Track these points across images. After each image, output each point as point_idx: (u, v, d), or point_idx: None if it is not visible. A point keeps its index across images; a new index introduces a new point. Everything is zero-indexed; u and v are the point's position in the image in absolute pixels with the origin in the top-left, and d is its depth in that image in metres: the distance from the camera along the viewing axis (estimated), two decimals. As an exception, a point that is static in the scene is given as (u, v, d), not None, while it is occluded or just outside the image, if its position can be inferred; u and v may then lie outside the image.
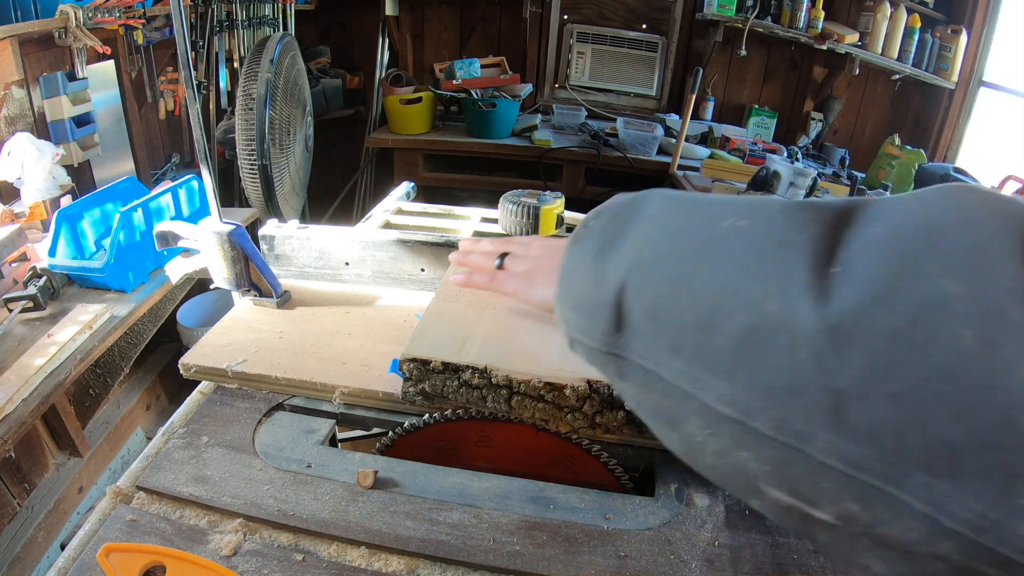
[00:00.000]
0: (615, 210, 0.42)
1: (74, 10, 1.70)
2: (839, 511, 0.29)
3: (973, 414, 0.25)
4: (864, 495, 0.27)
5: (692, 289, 0.34)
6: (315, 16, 3.29)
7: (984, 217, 0.27)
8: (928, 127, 2.99)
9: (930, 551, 0.26)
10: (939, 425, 0.26)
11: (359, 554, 0.52)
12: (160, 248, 0.83)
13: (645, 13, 3.22)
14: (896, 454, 0.27)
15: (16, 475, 1.36)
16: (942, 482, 0.26)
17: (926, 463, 0.26)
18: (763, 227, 0.33)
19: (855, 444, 0.28)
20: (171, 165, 2.35)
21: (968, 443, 0.25)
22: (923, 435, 0.26)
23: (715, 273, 0.33)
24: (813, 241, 0.30)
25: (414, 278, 0.92)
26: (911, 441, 0.26)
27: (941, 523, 0.26)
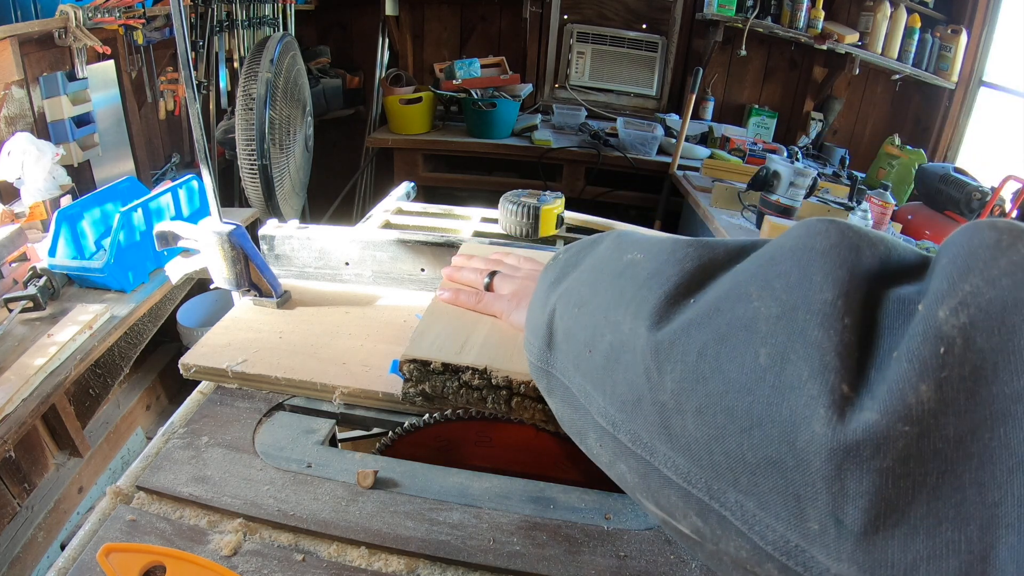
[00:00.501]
0: (579, 247, 0.47)
1: (74, 10, 1.70)
2: (691, 525, 0.30)
3: (759, 430, 0.25)
4: (701, 510, 0.29)
5: (586, 312, 0.38)
6: (315, 16, 3.29)
7: (822, 248, 0.27)
8: (928, 127, 2.99)
9: (763, 572, 0.27)
10: (735, 440, 0.26)
11: (359, 554, 0.52)
12: (160, 248, 0.83)
13: (645, 13, 3.22)
14: (711, 468, 0.28)
15: (16, 475, 1.36)
16: (749, 500, 0.26)
17: (733, 480, 0.27)
18: (650, 260, 0.35)
19: (682, 457, 0.29)
20: (171, 165, 2.35)
21: (758, 460, 0.25)
22: (724, 449, 0.27)
23: (602, 299, 0.36)
24: (681, 274, 0.32)
25: (414, 278, 0.92)
26: (717, 455, 0.27)
27: (757, 544, 0.26)
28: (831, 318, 0.25)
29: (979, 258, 0.23)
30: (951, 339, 0.21)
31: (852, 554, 0.23)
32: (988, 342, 0.21)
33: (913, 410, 0.21)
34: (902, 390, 0.22)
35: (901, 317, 0.24)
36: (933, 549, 0.21)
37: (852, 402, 0.23)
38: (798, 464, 0.24)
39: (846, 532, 0.23)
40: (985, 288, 0.22)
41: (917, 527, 0.21)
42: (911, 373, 0.22)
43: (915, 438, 0.21)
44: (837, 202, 2.07)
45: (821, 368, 0.24)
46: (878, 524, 0.22)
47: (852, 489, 0.22)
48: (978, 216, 1.90)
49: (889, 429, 0.22)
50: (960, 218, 1.99)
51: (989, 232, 0.23)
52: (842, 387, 0.23)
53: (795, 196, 1.93)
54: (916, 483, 0.21)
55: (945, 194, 2.04)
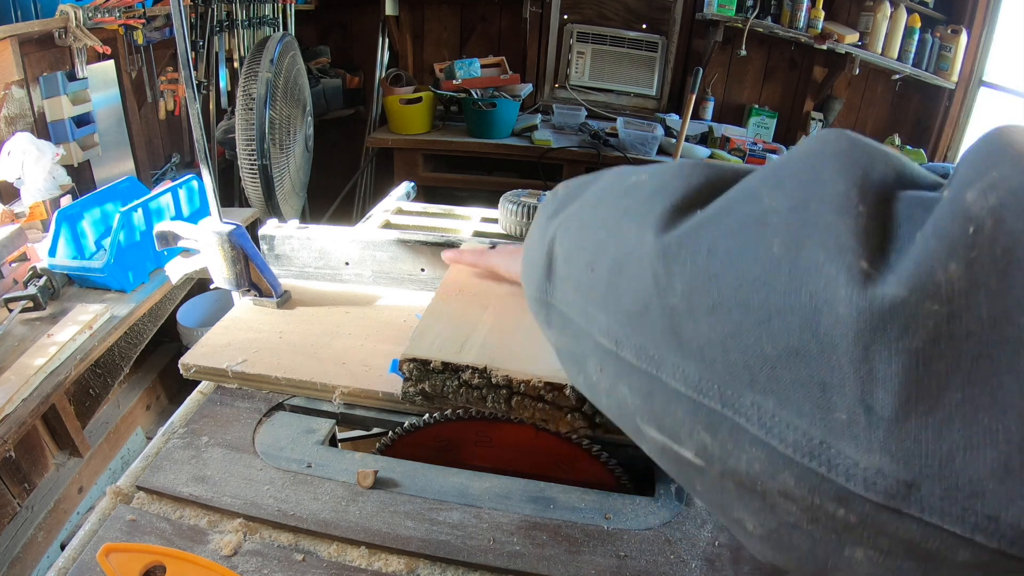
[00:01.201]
0: (580, 181, 0.45)
1: (74, 10, 1.70)
2: (697, 444, 0.28)
3: (779, 320, 0.24)
4: (711, 423, 0.27)
5: (589, 232, 0.37)
6: (315, 16, 3.29)
7: (834, 151, 0.27)
8: (928, 127, 2.99)
9: (776, 487, 0.25)
10: (752, 334, 0.25)
11: (359, 554, 0.52)
12: (160, 248, 0.83)
13: (645, 13, 3.22)
14: (725, 370, 0.27)
15: (16, 475, 1.36)
16: (768, 399, 0.25)
17: (750, 378, 0.26)
18: (655, 178, 0.34)
19: (693, 363, 0.28)
20: (171, 165, 2.35)
21: (778, 352, 0.24)
22: (741, 347, 0.26)
23: (605, 217, 0.35)
24: (688, 187, 0.31)
25: (414, 278, 0.92)
26: (733, 355, 0.26)
27: (776, 449, 0.25)
28: (845, 207, 0.24)
29: (1005, 152, 0.22)
30: (980, 219, 0.21)
31: (884, 442, 0.22)
32: (1019, 224, 0.20)
33: (942, 288, 0.21)
34: (930, 267, 0.21)
35: (920, 209, 0.23)
36: (970, 438, 0.20)
37: (873, 279, 0.22)
38: (822, 350, 0.23)
39: (876, 419, 0.22)
40: (1013, 174, 0.21)
41: (952, 414, 0.21)
42: (939, 250, 0.21)
43: (946, 318, 0.21)
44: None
45: (838, 249, 0.23)
46: (910, 409, 0.21)
47: (882, 372, 0.22)
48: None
49: (917, 306, 0.21)
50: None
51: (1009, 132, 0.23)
52: (861, 264, 0.22)
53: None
54: (949, 366, 0.21)
55: (945, 194, 2.04)
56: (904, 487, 0.21)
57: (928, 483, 0.21)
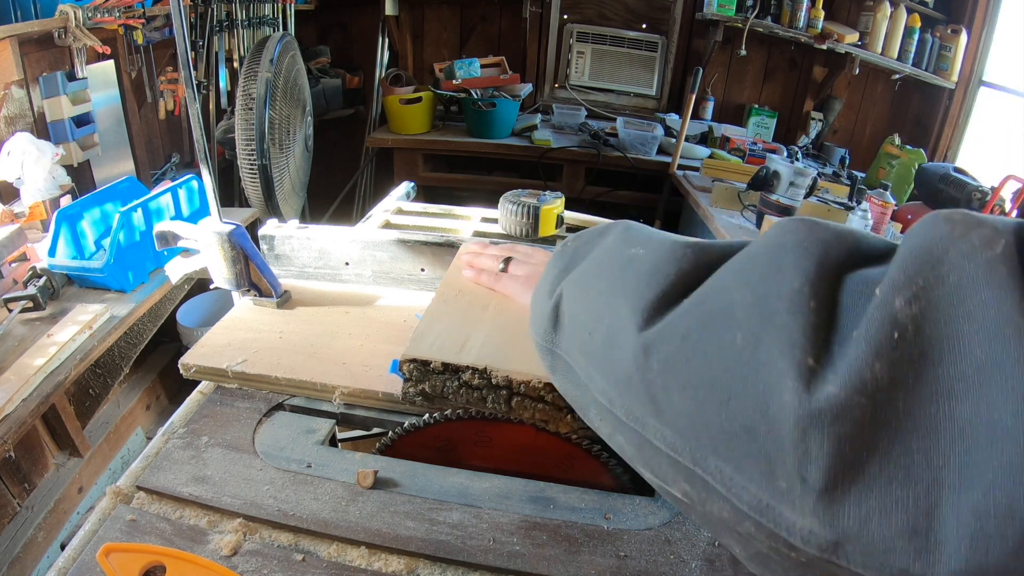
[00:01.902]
0: (588, 236, 0.50)
1: (74, 10, 1.69)
2: (681, 490, 0.33)
3: (737, 402, 0.29)
4: (688, 476, 0.32)
5: (589, 300, 0.42)
6: (315, 16, 3.29)
7: (792, 243, 0.31)
8: (928, 127, 2.99)
9: (743, 530, 0.30)
10: (714, 412, 0.30)
11: (359, 554, 0.52)
12: (160, 248, 0.83)
13: (645, 13, 3.22)
14: (694, 438, 0.31)
15: (16, 475, 1.36)
16: (727, 465, 0.30)
17: (714, 447, 0.30)
18: (650, 255, 0.39)
19: (669, 429, 0.33)
20: (171, 165, 2.34)
21: (735, 428, 0.29)
22: (705, 421, 0.30)
23: (604, 288, 0.40)
24: (678, 274, 0.36)
25: (414, 278, 0.92)
26: (699, 427, 0.31)
27: (736, 505, 0.30)
28: (798, 303, 0.28)
29: (932, 253, 0.26)
30: (904, 326, 0.25)
31: (814, 509, 0.26)
32: (934, 330, 0.24)
33: (868, 385, 0.25)
34: (860, 367, 0.25)
35: (862, 298, 0.27)
36: (884, 504, 0.24)
37: (816, 374, 0.26)
38: (770, 430, 0.27)
39: (809, 489, 0.26)
40: (935, 283, 0.25)
41: (871, 485, 0.24)
42: (868, 353, 0.25)
43: (870, 408, 0.25)
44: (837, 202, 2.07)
45: (789, 346, 0.27)
46: (836, 482, 0.25)
47: (815, 451, 0.25)
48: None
49: (847, 400, 0.25)
50: (960, 218, 1.99)
51: (944, 225, 0.26)
52: (808, 361, 0.27)
53: (795, 196, 1.93)
54: (870, 447, 0.24)
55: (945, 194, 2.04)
56: (832, 545, 0.26)
57: (850, 543, 0.25)
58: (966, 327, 0.23)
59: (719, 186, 2.20)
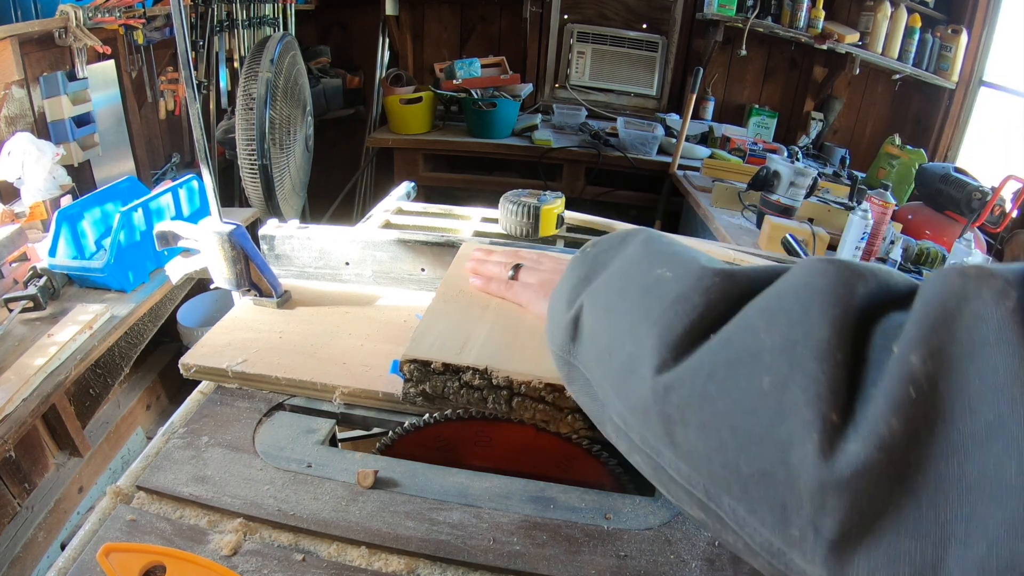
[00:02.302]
0: (608, 244, 0.49)
1: (74, 10, 1.70)
2: (696, 516, 0.34)
3: (757, 447, 0.29)
4: (702, 507, 0.33)
5: (612, 319, 0.41)
6: (315, 16, 3.29)
7: (823, 287, 0.31)
8: (928, 127, 2.99)
9: (756, 564, 0.30)
10: (733, 453, 0.30)
11: (359, 554, 0.52)
12: (160, 248, 0.83)
13: (645, 13, 3.22)
14: (709, 475, 0.32)
15: (16, 475, 1.36)
16: (740, 506, 0.30)
17: (727, 486, 0.31)
18: (678, 281, 0.38)
19: (683, 463, 0.33)
20: (171, 165, 2.34)
21: (753, 472, 0.29)
22: (722, 461, 0.31)
23: (627, 310, 0.40)
24: (707, 305, 0.35)
25: (414, 278, 0.92)
26: (715, 465, 0.31)
27: (748, 544, 0.30)
28: (826, 353, 0.28)
29: (947, 309, 0.26)
30: (920, 383, 0.25)
31: (824, 560, 0.27)
32: (948, 388, 0.25)
33: (886, 441, 0.25)
34: (878, 424, 0.26)
35: (884, 352, 0.28)
36: (892, 558, 0.25)
37: (840, 431, 0.27)
38: (788, 479, 0.27)
39: (821, 540, 0.26)
40: (949, 342, 0.26)
41: (880, 539, 0.25)
42: (886, 409, 0.26)
43: (886, 464, 0.25)
44: (837, 202, 2.07)
45: (815, 398, 0.28)
46: (849, 535, 0.26)
47: (831, 504, 0.26)
48: (978, 216, 1.90)
49: (867, 457, 0.25)
50: (960, 218, 1.99)
51: (958, 280, 0.27)
52: (832, 417, 0.27)
53: (795, 196, 1.93)
54: (883, 502, 0.25)
55: (945, 194, 2.04)
56: None
57: None
58: (978, 385, 0.24)
59: (719, 186, 2.20)
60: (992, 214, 1.90)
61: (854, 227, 1.71)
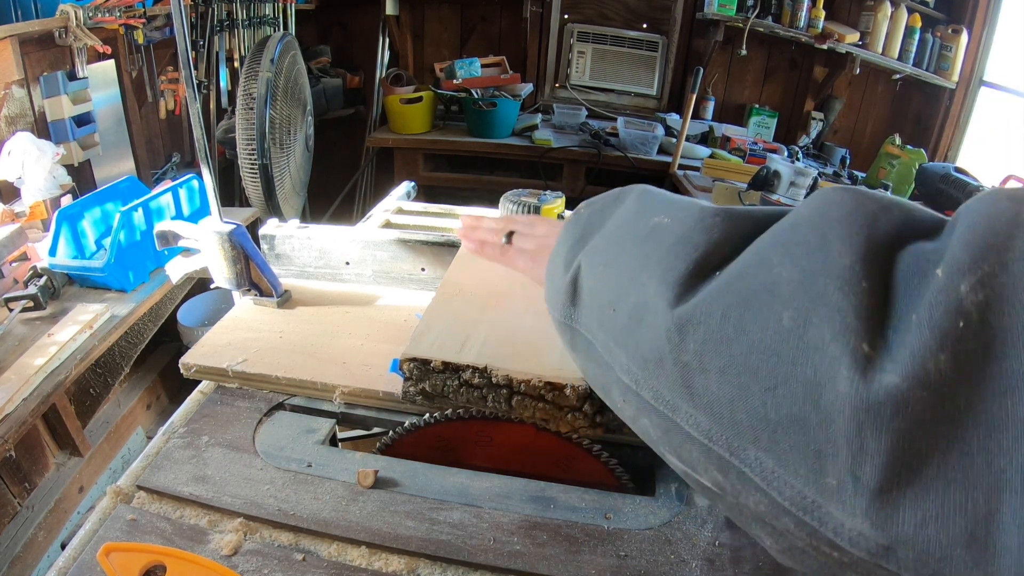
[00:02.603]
0: (602, 203, 0.47)
1: (74, 10, 1.69)
2: (712, 479, 0.31)
3: (783, 389, 0.26)
4: (721, 466, 0.30)
5: (612, 272, 0.38)
6: (315, 16, 3.29)
7: (841, 216, 0.28)
8: (929, 127, 2.99)
9: (780, 526, 0.28)
10: (757, 398, 0.27)
11: (359, 553, 0.52)
12: (160, 248, 0.83)
13: (645, 13, 3.22)
14: (732, 426, 0.29)
15: (16, 475, 1.36)
16: (768, 458, 0.27)
17: (754, 437, 0.28)
18: (677, 225, 0.36)
19: (704, 415, 0.30)
20: (171, 164, 2.34)
21: (780, 418, 0.27)
22: (747, 408, 0.28)
23: (628, 260, 0.37)
24: (709, 244, 0.33)
25: (414, 278, 0.92)
26: (739, 414, 0.28)
27: (775, 500, 0.27)
28: (850, 282, 0.26)
29: (998, 235, 0.23)
30: (969, 314, 0.23)
31: (866, 510, 0.24)
32: (1000, 321, 0.22)
33: (931, 376, 0.23)
34: (923, 357, 0.23)
35: (916, 278, 0.25)
36: (941, 508, 0.22)
37: (873, 363, 0.24)
38: (821, 422, 0.25)
39: (862, 488, 0.24)
40: (1000, 271, 0.23)
41: (928, 487, 0.23)
42: (932, 342, 0.23)
43: (931, 403, 0.23)
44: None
45: (843, 330, 0.25)
46: (892, 482, 0.23)
47: (871, 447, 0.23)
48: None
49: (909, 392, 0.23)
50: (961, 218, 1.99)
51: (1008, 204, 0.24)
52: (863, 347, 0.24)
53: (796, 196, 1.93)
54: (929, 445, 0.23)
55: (946, 194, 2.04)
56: (883, 549, 0.24)
57: (903, 548, 0.23)
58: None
59: (720, 186, 2.20)
60: None
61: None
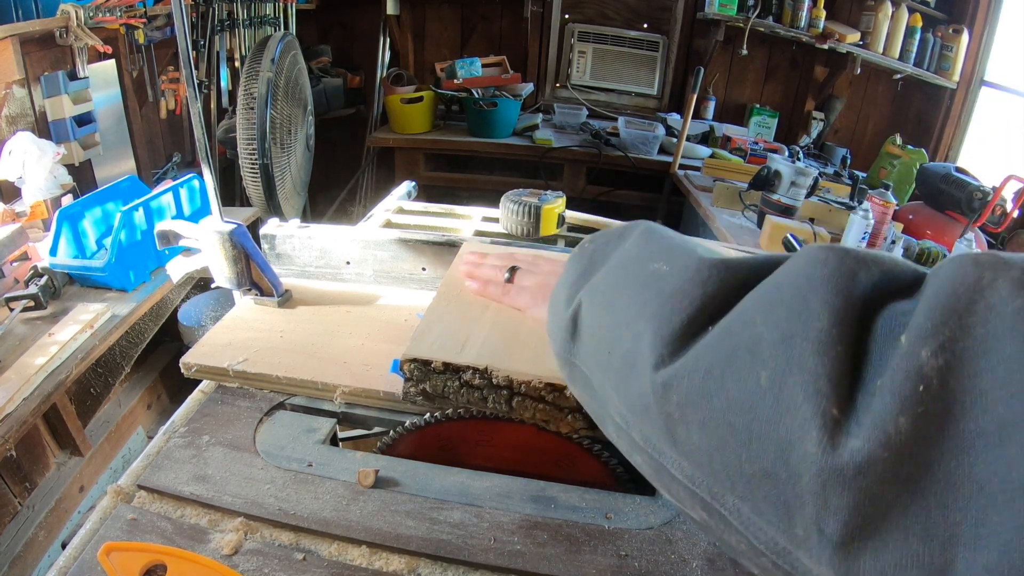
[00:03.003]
0: (605, 239, 0.48)
1: (75, 9, 1.70)
2: (698, 516, 0.33)
3: (758, 445, 0.28)
4: (705, 507, 0.32)
5: (610, 315, 0.40)
6: (316, 15, 3.29)
7: (823, 276, 0.30)
8: (929, 127, 2.98)
9: (760, 564, 0.30)
10: (733, 452, 0.29)
11: (360, 553, 0.52)
12: (161, 247, 0.83)
13: (646, 12, 3.21)
14: (712, 475, 0.31)
15: (17, 474, 1.36)
16: (745, 505, 0.29)
17: (731, 486, 0.30)
18: (674, 275, 0.37)
19: (686, 462, 0.32)
20: (172, 164, 2.34)
21: (755, 471, 0.28)
22: (724, 459, 0.30)
23: (626, 304, 0.39)
24: (704, 297, 0.34)
25: (415, 277, 0.92)
26: (717, 464, 0.30)
27: (752, 543, 0.29)
28: (825, 345, 0.27)
29: (960, 300, 0.25)
30: (929, 379, 0.24)
31: (830, 560, 0.26)
32: (959, 384, 0.23)
33: (892, 439, 0.24)
34: (884, 420, 0.24)
35: (888, 343, 0.27)
36: (900, 560, 0.24)
37: (840, 426, 0.26)
38: (789, 477, 0.27)
39: (826, 540, 0.26)
40: (961, 336, 0.24)
41: (887, 540, 0.24)
42: (893, 406, 0.24)
43: (891, 463, 0.24)
44: (838, 202, 2.07)
45: (815, 393, 0.27)
46: (854, 535, 0.25)
47: (834, 504, 0.25)
48: (979, 216, 1.90)
49: (871, 454, 0.24)
50: (961, 218, 1.99)
51: (972, 269, 0.25)
52: (832, 411, 0.26)
53: (796, 195, 1.93)
54: (889, 502, 0.24)
55: (946, 194, 2.04)
56: None
57: None
58: (991, 381, 0.23)
59: (720, 186, 2.20)
60: (993, 214, 1.90)
61: (855, 227, 1.71)
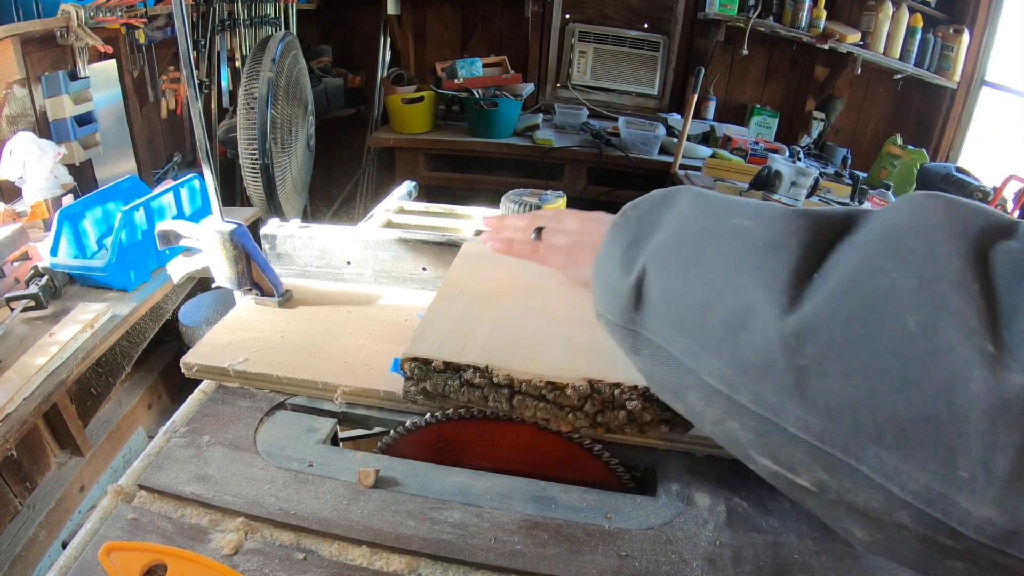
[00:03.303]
0: (650, 204, 0.47)
1: (76, 9, 1.70)
2: (813, 479, 0.32)
3: (914, 390, 0.28)
4: (830, 465, 0.31)
5: (697, 274, 0.38)
6: (316, 15, 3.29)
7: (939, 222, 0.31)
8: (930, 127, 2.98)
9: (891, 520, 0.29)
10: (885, 399, 0.29)
11: (360, 553, 0.52)
12: (162, 247, 0.83)
13: (647, 12, 3.21)
14: (852, 427, 0.30)
15: (18, 474, 1.36)
16: (892, 455, 0.29)
17: (877, 436, 0.29)
18: (762, 227, 0.37)
19: (817, 417, 0.31)
20: (173, 164, 2.35)
21: (911, 417, 0.28)
22: (872, 409, 0.29)
23: (716, 262, 0.37)
24: (802, 246, 0.34)
25: (416, 277, 0.92)
26: (862, 415, 0.29)
27: (895, 494, 0.29)
28: (964, 286, 0.28)
29: None
30: None
31: (996, 498, 0.26)
32: None
33: None
34: None
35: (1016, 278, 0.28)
36: None
37: (1000, 362, 0.26)
38: (953, 418, 0.27)
39: (994, 479, 0.26)
40: None
41: None
42: None
43: None
44: (839, 202, 2.07)
45: (969, 332, 0.27)
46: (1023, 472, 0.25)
47: (1003, 440, 0.25)
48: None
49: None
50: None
51: None
52: (988, 348, 0.26)
53: (797, 195, 1.93)
54: None
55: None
56: (1008, 534, 0.26)
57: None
58: None
59: (721, 186, 2.20)
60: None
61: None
